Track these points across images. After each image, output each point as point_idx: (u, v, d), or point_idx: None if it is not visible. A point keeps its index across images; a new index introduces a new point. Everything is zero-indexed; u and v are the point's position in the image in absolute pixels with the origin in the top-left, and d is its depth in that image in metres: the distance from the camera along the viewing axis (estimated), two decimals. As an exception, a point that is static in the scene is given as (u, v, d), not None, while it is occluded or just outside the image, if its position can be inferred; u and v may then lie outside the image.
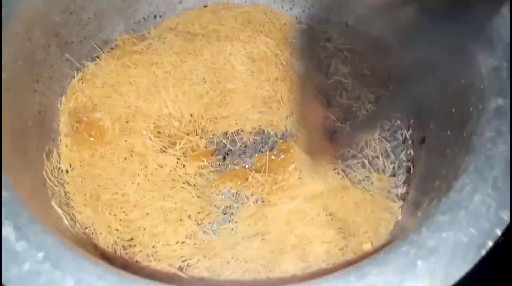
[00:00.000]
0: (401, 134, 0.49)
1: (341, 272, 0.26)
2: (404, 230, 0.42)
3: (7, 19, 0.36)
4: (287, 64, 0.50)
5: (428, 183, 0.41)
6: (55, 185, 0.40)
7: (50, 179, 0.40)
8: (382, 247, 0.41)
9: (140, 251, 0.39)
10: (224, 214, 0.42)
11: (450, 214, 0.28)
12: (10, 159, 0.32)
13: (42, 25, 0.41)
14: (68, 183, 0.41)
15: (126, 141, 0.43)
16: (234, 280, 0.38)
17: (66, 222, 0.38)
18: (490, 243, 0.26)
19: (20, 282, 0.25)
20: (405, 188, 0.45)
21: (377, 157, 0.47)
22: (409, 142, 0.48)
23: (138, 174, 0.41)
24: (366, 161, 0.46)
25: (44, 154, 0.41)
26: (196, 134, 0.45)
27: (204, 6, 0.55)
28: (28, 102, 0.39)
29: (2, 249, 0.26)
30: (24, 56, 0.38)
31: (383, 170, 0.46)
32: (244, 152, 0.47)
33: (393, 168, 0.46)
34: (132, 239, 0.40)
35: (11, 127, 0.35)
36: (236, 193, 0.44)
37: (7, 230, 0.26)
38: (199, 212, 0.41)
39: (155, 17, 0.53)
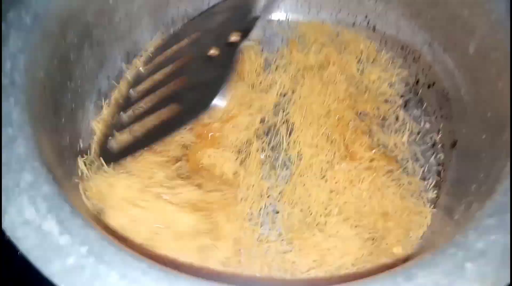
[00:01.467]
0: (431, 137, 0.48)
1: (387, 273, 0.26)
2: (436, 234, 0.42)
3: (45, 18, 0.36)
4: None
5: (461, 187, 0.41)
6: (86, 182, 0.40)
7: (82, 175, 0.40)
8: (415, 251, 0.41)
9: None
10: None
11: (497, 217, 0.27)
12: (47, 155, 0.32)
13: (76, 25, 0.41)
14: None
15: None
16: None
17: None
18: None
19: (64, 276, 0.25)
20: (435, 192, 0.45)
21: (407, 161, 0.46)
22: (439, 146, 0.47)
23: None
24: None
25: (74, 151, 0.41)
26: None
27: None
28: (61, 100, 0.39)
29: (46, 242, 0.26)
30: (59, 55, 0.39)
31: (413, 173, 0.46)
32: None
33: (423, 171, 0.46)
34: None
35: (47, 123, 0.35)
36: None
37: (50, 224, 0.26)
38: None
39: (183, 19, 0.53)
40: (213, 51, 0.44)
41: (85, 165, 0.42)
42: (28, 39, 0.34)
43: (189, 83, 0.43)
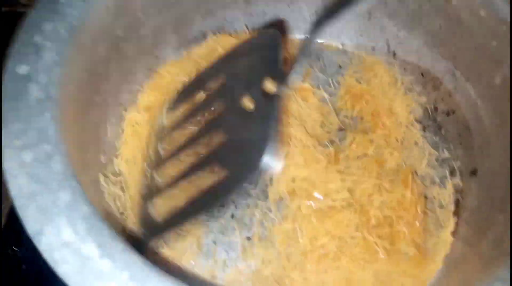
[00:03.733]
0: (449, 164, 0.48)
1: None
2: (457, 261, 0.42)
3: (79, 31, 0.36)
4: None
5: (483, 216, 0.41)
6: (109, 199, 0.39)
7: (105, 192, 0.39)
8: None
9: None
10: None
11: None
12: (80, 172, 0.31)
13: (106, 38, 0.40)
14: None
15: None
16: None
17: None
18: None
19: (106, 302, 0.24)
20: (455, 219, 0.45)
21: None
22: (458, 173, 0.48)
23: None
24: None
25: (97, 166, 0.40)
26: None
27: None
28: (89, 114, 0.39)
29: (87, 267, 0.25)
30: (89, 68, 0.38)
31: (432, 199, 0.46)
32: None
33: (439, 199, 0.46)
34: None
35: (77, 139, 0.35)
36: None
37: (90, 247, 0.25)
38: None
39: (205, 36, 0.53)
40: (247, 103, 0.38)
41: (106, 182, 0.41)
42: (63, 52, 0.33)
43: (229, 140, 0.38)
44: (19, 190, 0.27)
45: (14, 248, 0.46)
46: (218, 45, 0.51)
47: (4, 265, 0.46)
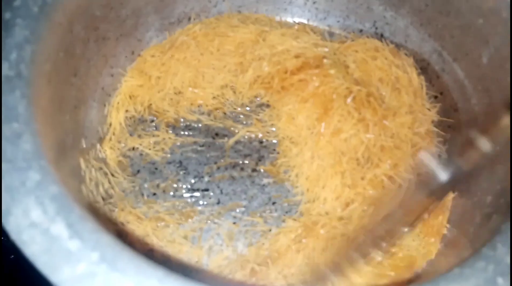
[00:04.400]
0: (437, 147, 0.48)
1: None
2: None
3: (52, 9, 0.35)
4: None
5: (474, 199, 0.41)
6: (91, 185, 0.38)
7: (86, 177, 0.38)
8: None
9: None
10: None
11: (524, 229, 0.27)
12: (53, 154, 0.30)
13: (84, 18, 0.39)
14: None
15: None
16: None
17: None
18: None
19: (74, 284, 0.23)
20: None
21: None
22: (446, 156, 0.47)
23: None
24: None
25: (78, 150, 0.39)
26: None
27: (238, 12, 0.54)
28: (66, 96, 0.38)
29: (55, 247, 0.24)
30: (65, 48, 0.37)
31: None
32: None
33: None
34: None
35: (52, 120, 0.33)
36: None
37: (59, 227, 0.25)
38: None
39: (189, 19, 0.52)
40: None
41: (87, 166, 0.40)
42: (35, 29, 0.32)
43: None
44: (-14, 169, 0.26)
45: (2, 238, 0.45)
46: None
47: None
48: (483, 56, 0.41)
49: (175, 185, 0.44)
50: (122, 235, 0.40)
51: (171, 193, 0.43)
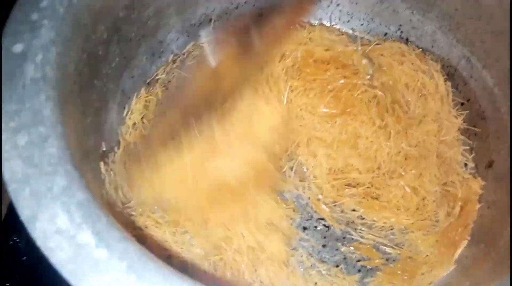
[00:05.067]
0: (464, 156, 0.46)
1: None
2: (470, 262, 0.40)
3: (78, 10, 0.34)
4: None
5: (499, 210, 0.39)
6: (111, 188, 0.38)
7: (106, 180, 0.37)
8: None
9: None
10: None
11: None
12: (77, 158, 0.30)
13: (107, 19, 0.39)
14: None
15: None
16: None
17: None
18: None
19: (102, 294, 0.22)
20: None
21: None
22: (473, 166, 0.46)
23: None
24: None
25: (98, 154, 0.39)
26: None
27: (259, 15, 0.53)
28: (89, 99, 0.37)
29: (82, 255, 0.23)
30: (88, 49, 0.36)
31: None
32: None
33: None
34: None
35: (76, 122, 0.33)
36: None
37: (85, 235, 0.24)
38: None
39: (210, 20, 0.51)
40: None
41: (106, 170, 0.40)
42: (61, 30, 0.32)
43: None
44: (12, 174, 0.25)
45: (15, 239, 0.45)
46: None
47: (5, 256, 0.44)
48: (515, 63, 0.40)
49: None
50: (141, 240, 0.39)
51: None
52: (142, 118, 0.45)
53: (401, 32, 0.51)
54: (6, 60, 0.29)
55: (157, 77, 0.48)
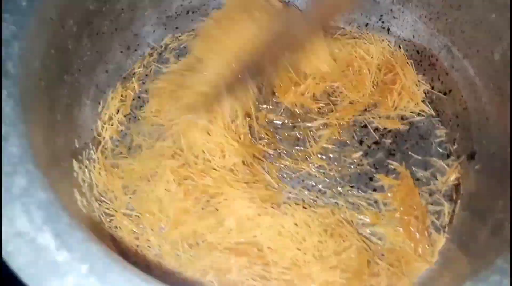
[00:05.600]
0: (445, 148, 0.46)
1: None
2: (454, 251, 0.40)
3: (42, 3, 0.33)
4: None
5: (483, 203, 0.39)
6: (84, 186, 0.37)
7: (78, 178, 0.36)
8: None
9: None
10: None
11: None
12: (42, 156, 0.29)
13: (76, 12, 0.37)
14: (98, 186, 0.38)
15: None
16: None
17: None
18: None
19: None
20: (451, 206, 0.43)
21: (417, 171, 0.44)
22: (455, 157, 0.45)
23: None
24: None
25: (69, 151, 0.38)
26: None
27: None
28: (58, 94, 0.36)
29: (42, 259, 0.22)
30: (56, 44, 0.35)
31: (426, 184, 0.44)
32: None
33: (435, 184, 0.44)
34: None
35: (42, 120, 0.32)
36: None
37: (46, 237, 0.23)
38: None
39: (187, 12, 0.50)
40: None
41: (80, 168, 0.39)
42: (23, 24, 0.30)
43: None
44: (-31, 174, 0.24)
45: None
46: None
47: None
48: (495, 53, 0.39)
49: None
50: (116, 240, 0.38)
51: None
52: (117, 112, 0.44)
53: (382, 22, 0.50)
54: (-36, 56, 0.28)
55: (133, 71, 0.47)
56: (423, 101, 0.47)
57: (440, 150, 0.46)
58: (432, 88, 0.48)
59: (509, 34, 0.37)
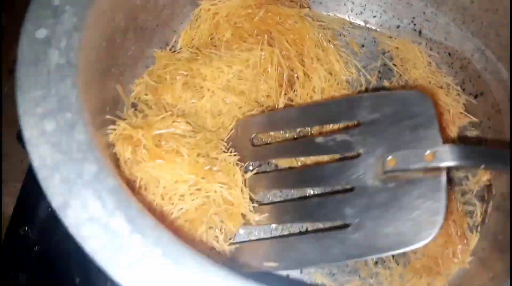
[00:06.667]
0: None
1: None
2: (488, 251, 0.40)
3: (97, -5, 0.33)
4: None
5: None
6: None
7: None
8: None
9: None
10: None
11: None
12: (102, 147, 0.30)
13: (125, 6, 0.38)
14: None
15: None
16: None
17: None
18: None
19: (138, 279, 0.22)
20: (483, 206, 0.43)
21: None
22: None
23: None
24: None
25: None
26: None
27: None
28: (106, 87, 0.37)
29: (116, 242, 0.23)
30: (107, 37, 0.36)
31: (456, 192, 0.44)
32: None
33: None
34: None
35: (97, 111, 0.32)
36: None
37: (119, 222, 0.24)
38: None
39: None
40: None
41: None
42: (82, 16, 0.31)
43: None
44: (42, 160, 0.25)
45: (26, 228, 0.44)
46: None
47: (16, 246, 0.44)
48: (532, 56, 0.40)
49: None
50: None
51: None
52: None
53: (414, 24, 0.51)
54: (29, 45, 0.29)
55: (169, 68, 0.48)
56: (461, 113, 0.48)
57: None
58: (463, 90, 0.49)
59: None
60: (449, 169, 0.44)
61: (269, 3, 0.46)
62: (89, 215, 0.24)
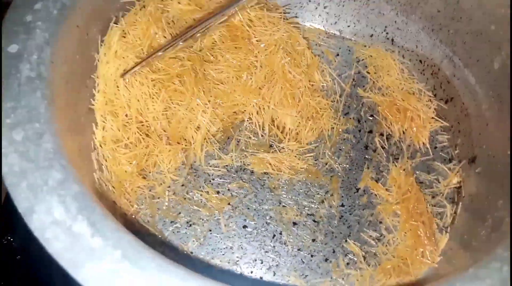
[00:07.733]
0: (447, 152, 0.48)
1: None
2: (455, 250, 0.41)
3: (71, 11, 0.35)
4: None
5: (484, 203, 0.41)
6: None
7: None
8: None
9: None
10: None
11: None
12: (72, 154, 0.31)
13: (99, 21, 0.40)
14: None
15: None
16: None
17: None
18: None
19: (98, 280, 0.23)
20: (453, 208, 0.44)
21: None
22: (456, 161, 0.47)
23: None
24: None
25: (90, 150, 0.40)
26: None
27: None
28: (81, 98, 0.38)
29: (78, 245, 0.24)
30: (81, 50, 0.37)
31: (429, 187, 0.46)
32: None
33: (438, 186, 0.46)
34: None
35: (68, 122, 0.34)
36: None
37: (81, 226, 0.25)
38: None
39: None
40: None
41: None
42: (55, 31, 0.33)
43: None
44: (10, 168, 0.26)
45: (9, 238, 0.45)
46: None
47: (-2, 255, 0.45)
48: (495, 62, 0.42)
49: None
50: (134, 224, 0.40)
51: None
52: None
53: (387, 33, 0.53)
54: (2, 60, 0.30)
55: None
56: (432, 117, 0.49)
57: (443, 155, 0.48)
58: (435, 96, 0.50)
59: (508, 44, 0.40)
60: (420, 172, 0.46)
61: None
62: (53, 219, 0.25)
